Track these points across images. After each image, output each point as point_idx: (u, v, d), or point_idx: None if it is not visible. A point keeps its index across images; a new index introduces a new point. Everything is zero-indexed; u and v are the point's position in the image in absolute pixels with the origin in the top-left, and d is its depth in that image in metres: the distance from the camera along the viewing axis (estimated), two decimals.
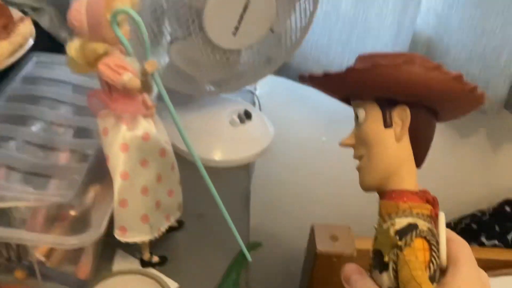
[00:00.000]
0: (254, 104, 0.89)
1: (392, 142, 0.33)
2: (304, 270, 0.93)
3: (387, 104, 0.33)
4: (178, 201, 0.56)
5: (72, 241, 0.46)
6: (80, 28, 0.46)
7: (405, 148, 0.33)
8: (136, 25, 0.43)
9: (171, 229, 0.60)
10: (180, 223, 0.61)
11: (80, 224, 0.49)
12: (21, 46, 0.66)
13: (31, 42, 0.68)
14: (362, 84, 0.33)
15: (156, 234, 0.53)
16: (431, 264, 0.31)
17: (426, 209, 0.32)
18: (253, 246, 0.57)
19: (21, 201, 0.49)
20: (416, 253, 0.30)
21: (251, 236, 1.08)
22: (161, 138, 0.52)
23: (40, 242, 0.48)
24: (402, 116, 0.33)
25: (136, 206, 0.50)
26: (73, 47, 0.47)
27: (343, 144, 0.35)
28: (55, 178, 0.54)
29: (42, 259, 0.49)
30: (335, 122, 0.75)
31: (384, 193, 0.33)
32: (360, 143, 0.34)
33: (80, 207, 0.50)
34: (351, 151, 0.36)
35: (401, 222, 0.31)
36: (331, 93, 0.37)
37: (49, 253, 0.50)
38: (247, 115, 0.75)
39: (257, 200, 1.04)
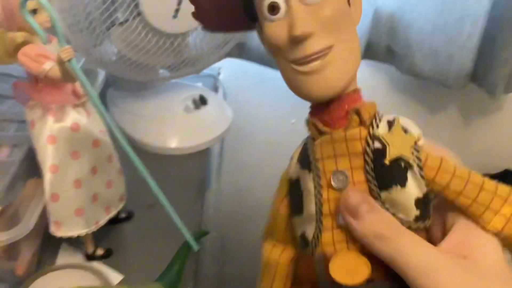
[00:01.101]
0: (216, 88, 0.87)
1: (354, 25, 0.26)
2: None
3: None
4: (120, 192, 0.55)
5: None
6: None
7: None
8: (46, 10, 0.40)
9: (119, 221, 0.59)
10: (129, 214, 0.60)
11: (14, 220, 0.48)
12: None
13: None
14: None
15: (94, 227, 0.51)
16: None
17: None
18: (200, 235, 0.55)
19: None
20: None
21: (223, 221, 1.07)
22: (94, 129, 0.50)
23: None
24: None
25: (69, 200, 0.48)
26: None
27: (303, 32, 0.24)
28: None
29: None
30: (303, 104, 0.73)
31: (345, 96, 0.26)
32: (323, 30, 0.24)
33: (13, 203, 0.49)
34: None
35: (390, 117, 0.27)
36: None
37: None
38: (202, 101, 0.73)
39: (227, 185, 1.03)
